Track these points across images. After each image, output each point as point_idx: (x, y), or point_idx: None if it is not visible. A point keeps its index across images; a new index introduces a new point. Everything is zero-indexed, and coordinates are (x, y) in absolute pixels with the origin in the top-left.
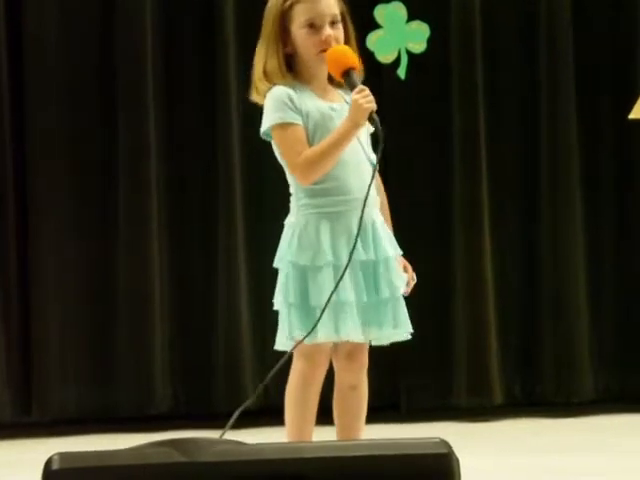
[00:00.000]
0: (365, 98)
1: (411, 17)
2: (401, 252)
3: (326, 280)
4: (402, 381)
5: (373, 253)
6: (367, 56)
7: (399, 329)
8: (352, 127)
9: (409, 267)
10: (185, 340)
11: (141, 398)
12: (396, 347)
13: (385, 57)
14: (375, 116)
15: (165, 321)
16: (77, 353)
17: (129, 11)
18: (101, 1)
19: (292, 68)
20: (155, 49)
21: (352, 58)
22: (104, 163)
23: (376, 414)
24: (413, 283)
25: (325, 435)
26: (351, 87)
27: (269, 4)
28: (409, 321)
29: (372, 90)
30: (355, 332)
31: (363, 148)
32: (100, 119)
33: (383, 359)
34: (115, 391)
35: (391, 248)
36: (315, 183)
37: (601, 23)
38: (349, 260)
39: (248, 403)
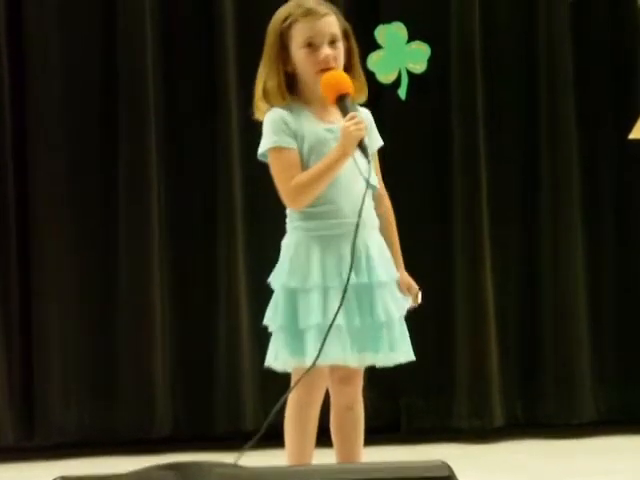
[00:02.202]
0: (355, 125)
1: (411, 38)
2: (398, 275)
3: (315, 303)
4: (402, 402)
5: (366, 277)
6: (368, 76)
7: (396, 352)
8: (341, 154)
9: (414, 287)
10: (186, 363)
11: (142, 421)
12: (396, 368)
13: (386, 77)
14: (365, 144)
15: (166, 343)
16: (78, 376)
17: (129, 27)
18: (102, 21)
19: (293, 87)
20: (155, 66)
21: (346, 84)
22: (105, 180)
23: (376, 435)
24: (414, 303)
25: (325, 456)
26: (343, 113)
27: (271, 23)
28: (410, 344)
29: (372, 110)
30: (346, 356)
31: (360, 171)
32: (101, 137)
33: (384, 380)
34: (116, 414)
35: (386, 272)
36: (308, 206)
37: (601, 42)
38: (346, 284)
39: (256, 438)
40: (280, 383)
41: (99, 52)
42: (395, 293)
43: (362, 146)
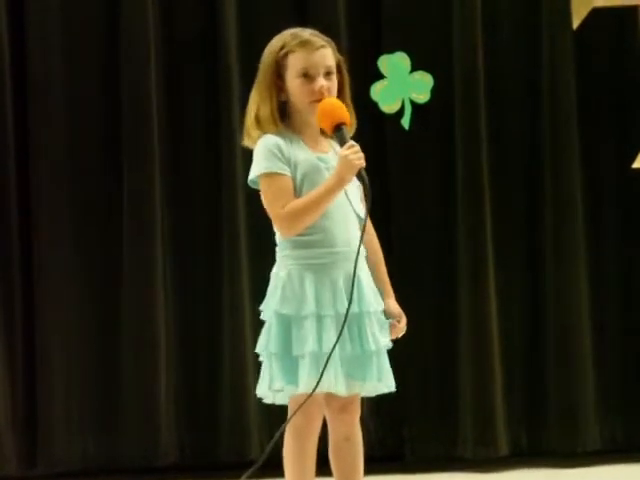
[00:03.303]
0: (355, 154)
1: (415, 67)
2: (383, 306)
3: (309, 331)
4: (406, 431)
5: (357, 306)
6: (371, 106)
7: (382, 382)
8: (339, 183)
9: (403, 317)
10: (190, 391)
11: (146, 449)
12: (400, 397)
13: (389, 107)
14: (364, 173)
15: (170, 372)
16: (82, 405)
17: (132, 50)
18: (105, 42)
19: (285, 116)
20: (159, 92)
21: (343, 113)
22: (108, 208)
23: (380, 464)
24: (401, 332)
25: None
26: (341, 142)
27: (265, 51)
28: (391, 374)
29: (374, 139)
30: (337, 384)
31: (350, 201)
32: (104, 163)
33: (387, 409)
34: (120, 443)
35: (374, 301)
36: (300, 235)
37: (604, 72)
38: (347, 312)
39: (254, 469)
40: (284, 412)
41: (102, 74)
42: (382, 322)
43: (361, 175)
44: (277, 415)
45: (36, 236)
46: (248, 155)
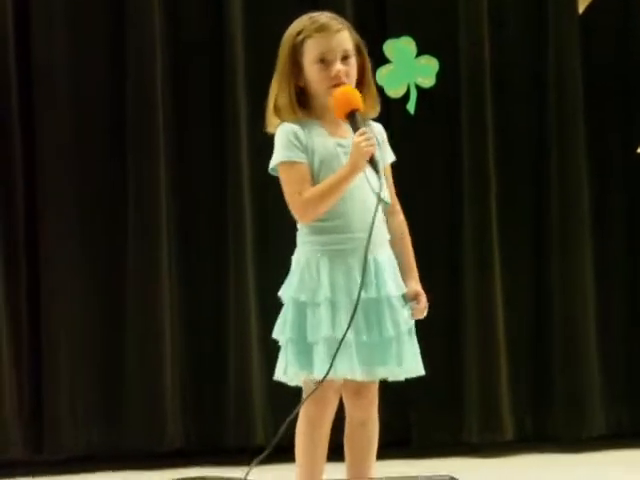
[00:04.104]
0: (366, 141)
1: (420, 52)
2: (405, 290)
3: (323, 317)
4: (413, 416)
5: (375, 291)
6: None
7: (406, 366)
8: (352, 170)
9: (423, 300)
10: (196, 377)
11: (152, 435)
12: (407, 383)
13: (394, 92)
14: (375, 159)
15: (176, 357)
16: (88, 391)
17: (137, 39)
18: (111, 42)
19: (305, 101)
20: (165, 81)
21: (356, 100)
22: (113, 198)
23: (387, 449)
24: (420, 316)
25: (336, 471)
26: (354, 129)
27: (283, 38)
28: (419, 359)
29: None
30: (352, 370)
31: (371, 186)
32: (109, 153)
33: (394, 394)
34: (126, 429)
35: (395, 287)
36: (319, 220)
37: (610, 63)
38: (358, 298)
39: (264, 455)
40: (290, 398)
41: (107, 62)
42: (403, 308)
43: (372, 162)
44: (283, 401)
45: (41, 228)
46: (254, 144)
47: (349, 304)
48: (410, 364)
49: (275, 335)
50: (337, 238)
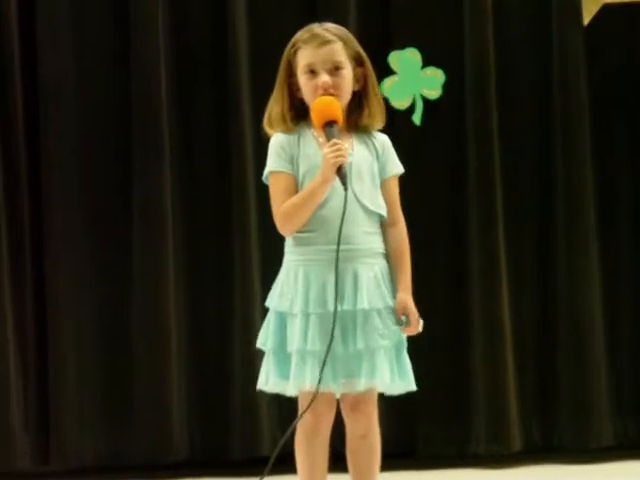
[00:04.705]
0: (334, 152)
1: (426, 63)
2: (391, 303)
3: (297, 328)
4: (419, 428)
5: (351, 304)
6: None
7: (385, 380)
8: (322, 181)
9: (412, 313)
10: (201, 388)
11: (158, 446)
12: (413, 394)
13: (400, 103)
14: (344, 170)
15: (182, 369)
16: (94, 402)
17: (143, 53)
18: (115, 46)
19: (305, 112)
20: (169, 88)
21: (333, 111)
22: (118, 211)
23: (392, 462)
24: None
25: None
26: (328, 139)
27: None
28: (407, 373)
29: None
30: (325, 382)
31: (357, 198)
32: (115, 159)
33: (399, 406)
34: (132, 439)
35: (377, 299)
36: (300, 232)
37: (614, 67)
38: (335, 311)
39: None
40: (296, 408)
41: (112, 71)
42: (386, 321)
43: (340, 173)
44: (288, 411)
45: (47, 233)
46: (258, 149)
47: (324, 316)
48: (390, 378)
49: (258, 344)
50: (313, 249)
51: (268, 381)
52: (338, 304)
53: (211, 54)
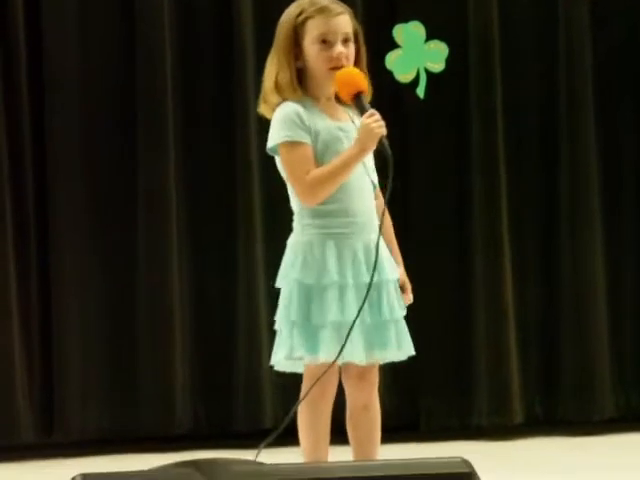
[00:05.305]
0: (376, 122)
1: (430, 36)
2: (398, 275)
3: (330, 300)
4: (422, 401)
5: (376, 275)
6: (386, 75)
7: (402, 350)
8: (361, 151)
9: (408, 284)
10: (205, 361)
11: (162, 418)
12: (416, 367)
13: (404, 76)
14: (385, 141)
15: (185, 342)
16: (98, 374)
17: (148, 46)
18: (121, 39)
19: (302, 83)
20: (174, 72)
21: (362, 82)
22: (123, 202)
23: (395, 434)
24: (407, 300)
25: (340, 454)
26: (361, 111)
27: (283, 17)
28: (411, 342)
29: (391, 109)
30: (357, 353)
31: (367, 171)
32: (120, 152)
33: (402, 379)
34: (136, 412)
35: (392, 271)
36: (320, 203)
37: (619, 36)
38: (370, 281)
39: (274, 436)
40: (299, 381)
41: (118, 66)
42: (398, 291)
43: (382, 143)
44: (291, 384)
45: (53, 225)
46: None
47: (355, 287)
48: (406, 347)
49: (277, 319)
50: (339, 222)
51: (292, 355)
52: (367, 275)
53: (216, 46)
